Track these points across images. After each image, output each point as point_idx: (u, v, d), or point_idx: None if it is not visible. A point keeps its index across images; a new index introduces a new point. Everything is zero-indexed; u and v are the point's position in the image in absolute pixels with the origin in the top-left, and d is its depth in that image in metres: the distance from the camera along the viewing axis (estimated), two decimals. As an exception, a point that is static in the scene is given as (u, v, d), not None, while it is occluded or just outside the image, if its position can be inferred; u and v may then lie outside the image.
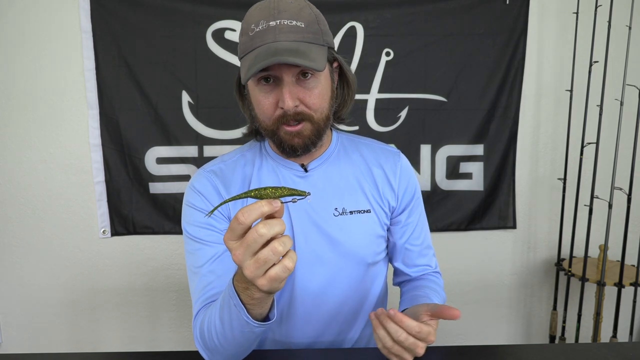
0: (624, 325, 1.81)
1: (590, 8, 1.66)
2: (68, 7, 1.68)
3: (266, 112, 0.76)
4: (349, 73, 0.84)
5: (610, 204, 1.63)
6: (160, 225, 1.82)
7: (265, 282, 0.53)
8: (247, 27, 0.74)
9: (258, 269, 0.52)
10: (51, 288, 1.86)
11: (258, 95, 0.76)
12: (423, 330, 0.67)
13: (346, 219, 0.85)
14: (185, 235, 0.84)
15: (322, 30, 0.76)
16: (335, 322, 0.90)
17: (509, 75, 1.81)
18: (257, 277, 0.52)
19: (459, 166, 1.86)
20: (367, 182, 0.88)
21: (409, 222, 0.93)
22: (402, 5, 1.74)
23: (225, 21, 1.71)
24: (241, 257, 0.52)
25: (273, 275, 0.52)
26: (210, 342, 0.71)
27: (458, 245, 1.92)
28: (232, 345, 0.69)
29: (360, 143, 0.94)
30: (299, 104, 0.75)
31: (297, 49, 0.70)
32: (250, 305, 0.61)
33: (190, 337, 1.94)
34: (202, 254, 0.81)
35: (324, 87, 0.78)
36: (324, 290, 0.87)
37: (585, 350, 0.82)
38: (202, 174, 0.88)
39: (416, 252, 0.95)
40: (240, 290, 0.60)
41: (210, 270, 0.80)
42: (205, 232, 0.82)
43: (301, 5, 0.75)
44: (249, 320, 0.61)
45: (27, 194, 1.79)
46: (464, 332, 2.02)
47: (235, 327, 0.65)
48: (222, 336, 0.68)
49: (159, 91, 1.73)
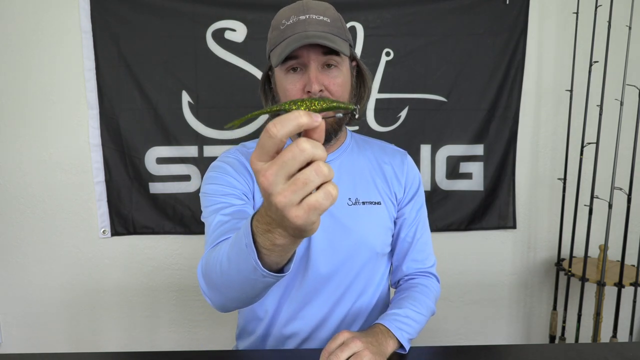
0: (624, 325, 1.80)
1: (590, 8, 1.65)
2: (68, 7, 1.67)
3: (293, 98, 0.82)
4: (366, 72, 0.92)
5: (610, 204, 1.63)
6: (160, 225, 1.82)
7: (301, 213, 0.41)
8: (278, 23, 0.83)
9: (295, 194, 0.40)
10: (51, 288, 1.86)
11: (286, 83, 0.83)
12: (330, 347, 0.74)
13: (359, 208, 0.91)
14: (204, 195, 0.87)
15: (344, 28, 0.86)
16: (340, 308, 0.92)
17: (509, 75, 1.81)
18: (290, 206, 0.40)
19: (459, 166, 1.86)
20: (378, 176, 0.96)
21: (408, 216, 0.97)
22: (402, 5, 1.73)
23: (225, 21, 1.71)
24: (272, 179, 0.40)
25: (313, 203, 0.40)
26: (214, 277, 0.67)
27: (458, 245, 1.92)
28: (234, 288, 0.63)
29: (371, 142, 1.02)
30: (324, 89, 0.81)
31: (326, 37, 0.79)
32: (267, 250, 0.51)
33: (190, 337, 1.94)
34: (219, 205, 0.83)
35: (345, 79, 0.85)
36: (334, 276, 0.91)
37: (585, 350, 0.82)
38: (227, 154, 0.94)
39: (411, 246, 0.98)
40: (259, 233, 0.50)
41: (225, 213, 0.80)
42: (225, 189, 0.85)
43: (326, 5, 0.85)
44: (257, 266, 0.52)
45: (27, 194, 1.79)
46: (464, 332, 2.02)
47: (242, 270, 0.57)
48: (227, 275, 0.62)
49: (159, 91, 1.73)
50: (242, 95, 1.74)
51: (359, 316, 0.95)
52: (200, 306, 1.92)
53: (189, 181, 1.80)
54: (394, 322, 0.82)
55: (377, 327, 0.81)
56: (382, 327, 0.81)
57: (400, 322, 0.83)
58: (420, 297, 0.91)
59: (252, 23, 1.71)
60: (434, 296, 0.95)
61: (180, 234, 1.83)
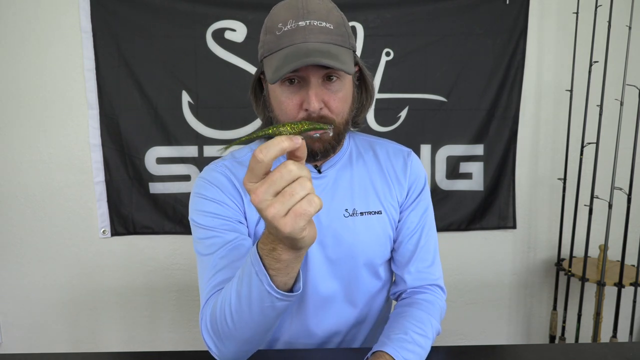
0: (624, 325, 1.80)
1: (590, 8, 1.65)
2: (68, 7, 1.67)
3: (289, 113, 0.75)
4: (368, 78, 0.84)
5: (610, 204, 1.63)
6: (160, 225, 1.82)
7: (288, 220, 0.46)
8: (273, 25, 0.73)
9: (282, 204, 0.46)
10: (51, 288, 1.86)
11: (281, 96, 0.75)
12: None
13: (355, 220, 0.85)
14: (195, 225, 0.81)
15: (348, 33, 0.76)
16: (344, 324, 0.89)
17: (509, 75, 1.81)
18: (279, 216, 0.46)
19: (459, 166, 1.86)
20: (379, 181, 0.88)
21: (410, 220, 0.90)
22: (402, 5, 1.74)
23: (225, 21, 1.71)
24: (262, 196, 0.46)
25: (298, 210, 0.46)
26: (222, 325, 0.66)
27: (458, 245, 1.92)
28: (247, 326, 0.64)
29: (374, 143, 0.94)
30: (323, 106, 0.73)
31: (329, 51, 0.69)
32: (274, 270, 0.55)
33: (190, 337, 1.94)
34: (214, 241, 0.78)
35: (347, 91, 0.77)
36: (334, 291, 0.86)
37: (585, 350, 0.82)
38: (214, 168, 0.85)
39: (414, 255, 0.88)
40: (264, 255, 0.55)
41: (222, 256, 0.76)
42: (218, 222, 0.79)
43: (329, 6, 0.75)
44: (271, 289, 0.56)
45: (27, 194, 1.79)
46: (464, 332, 2.02)
47: (254, 301, 0.59)
48: (238, 314, 0.63)
49: (159, 91, 1.73)
50: (242, 95, 1.74)
51: (361, 330, 0.92)
52: (200, 306, 1.91)
53: (189, 181, 1.80)
54: (400, 351, 0.73)
55: (382, 358, 0.73)
56: (387, 356, 0.73)
57: (406, 349, 0.74)
58: (425, 318, 0.82)
59: (252, 23, 1.71)
60: (439, 314, 0.86)
61: (180, 234, 1.83)
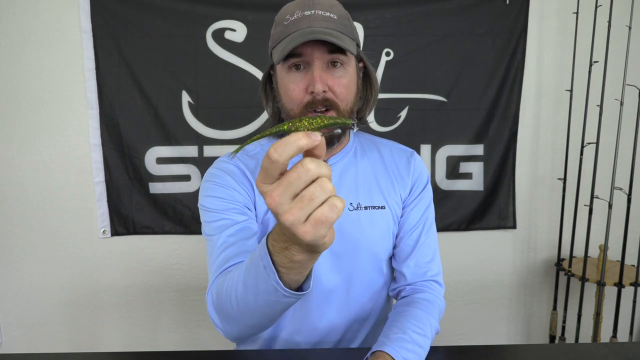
0: (624, 325, 1.81)
1: (590, 8, 1.66)
2: (68, 7, 1.67)
3: (295, 98, 0.78)
4: (373, 74, 0.87)
5: (610, 204, 1.63)
6: (160, 225, 1.82)
7: (309, 229, 0.41)
8: (281, 18, 0.79)
9: (301, 210, 0.40)
10: (51, 288, 1.86)
11: (288, 82, 0.79)
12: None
13: (360, 214, 0.87)
14: (204, 209, 0.83)
15: (352, 27, 0.82)
16: (346, 318, 0.90)
17: (509, 75, 1.81)
18: (299, 223, 0.41)
19: (459, 166, 1.86)
20: (383, 178, 0.91)
21: (412, 216, 0.92)
22: (402, 5, 1.74)
23: (225, 21, 1.71)
24: (278, 199, 0.41)
25: (319, 217, 0.41)
26: (228, 307, 0.66)
27: (458, 245, 1.92)
28: (252, 314, 0.63)
29: (378, 142, 0.97)
30: (328, 90, 0.77)
31: (332, 34, 0.74)
32: (285, 269, 0.51)
33: (190, 337, 1.94)
34: (223, 223, 0.79)
35: (351, 79, 0.80)
36: (337, 285, 0.87)
37: (585, 350, 0.82)
38: (224, 159, 0.88)
39: (414, 250, 0.90)
40: (276, 252, 0.51)
41: (230, 234, 0.76)
42: (227, 205, 0.81)
43: (333, 2, 0.81)
44: (278, 286, 0.53)
45: (27, 194, 1.79)
46: (464, 332, 2.02)
47: (260, 293, 0.57)
48: (243, 302, 0.62)
49: (159, 91, 1.73)
50: (242, 95, 1.74)
51: (364, 324, 0.92)
52: (200, 306, 1.92)
53: (189, 181, 1.80)
54: (400, 350, 0.73)
55: (382, 357, 0.73)
56: (387, 356, 0.73)
57: (406, 349, 0.74)
58: (425, 318, 0.82)
59: (252, 23, 1.71)
60: (438, 313, 0.87)
61: (180, 234, 1.83)
